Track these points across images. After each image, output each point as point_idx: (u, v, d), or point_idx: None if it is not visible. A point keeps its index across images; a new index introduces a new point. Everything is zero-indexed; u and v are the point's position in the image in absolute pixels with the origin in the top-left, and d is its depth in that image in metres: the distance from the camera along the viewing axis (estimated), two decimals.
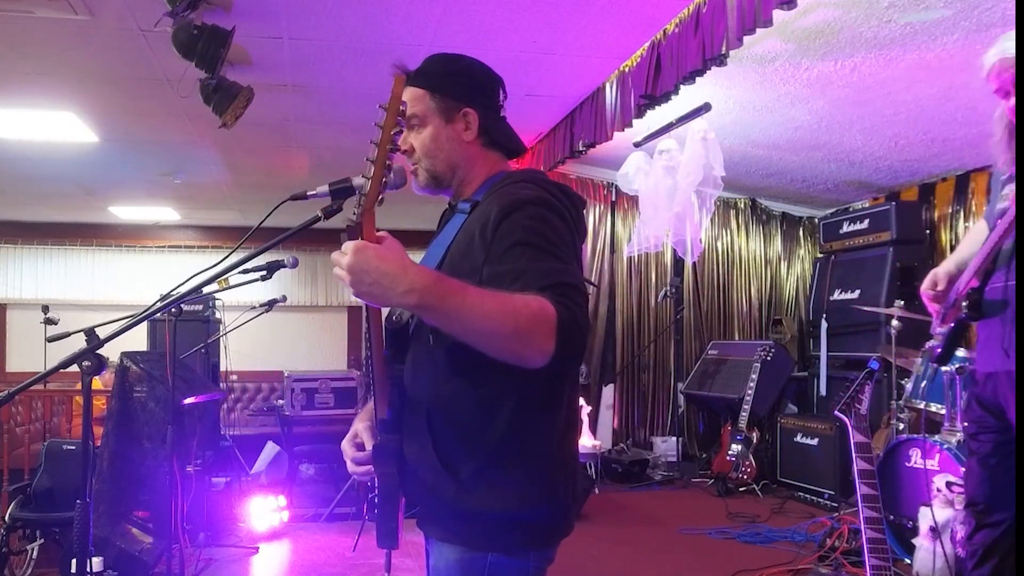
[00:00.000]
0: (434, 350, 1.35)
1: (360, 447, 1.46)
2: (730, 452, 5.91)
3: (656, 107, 4.13)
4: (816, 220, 7.18)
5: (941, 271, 2.55)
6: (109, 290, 9.16)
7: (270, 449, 5.90)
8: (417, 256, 1.38)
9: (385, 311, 1.35)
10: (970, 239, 2.63)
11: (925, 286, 2.57)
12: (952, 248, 5.95)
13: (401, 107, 1.22)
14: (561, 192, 1.43)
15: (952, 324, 2.43)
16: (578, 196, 1.48)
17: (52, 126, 5.19)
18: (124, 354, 4.03)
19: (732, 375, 6.37)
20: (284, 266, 3.35)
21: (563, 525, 1.42)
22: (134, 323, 1.62)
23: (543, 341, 1.17)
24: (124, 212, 8.54)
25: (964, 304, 2.33)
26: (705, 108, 4.53)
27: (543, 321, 1.17)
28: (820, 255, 6.70)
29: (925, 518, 3.46)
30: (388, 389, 1.39)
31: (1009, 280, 2.32)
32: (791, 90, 4.51)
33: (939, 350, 2.42)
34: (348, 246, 1.17)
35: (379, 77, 4.36)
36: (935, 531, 3.38)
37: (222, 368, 5.98)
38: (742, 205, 7.40)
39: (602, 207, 7.00)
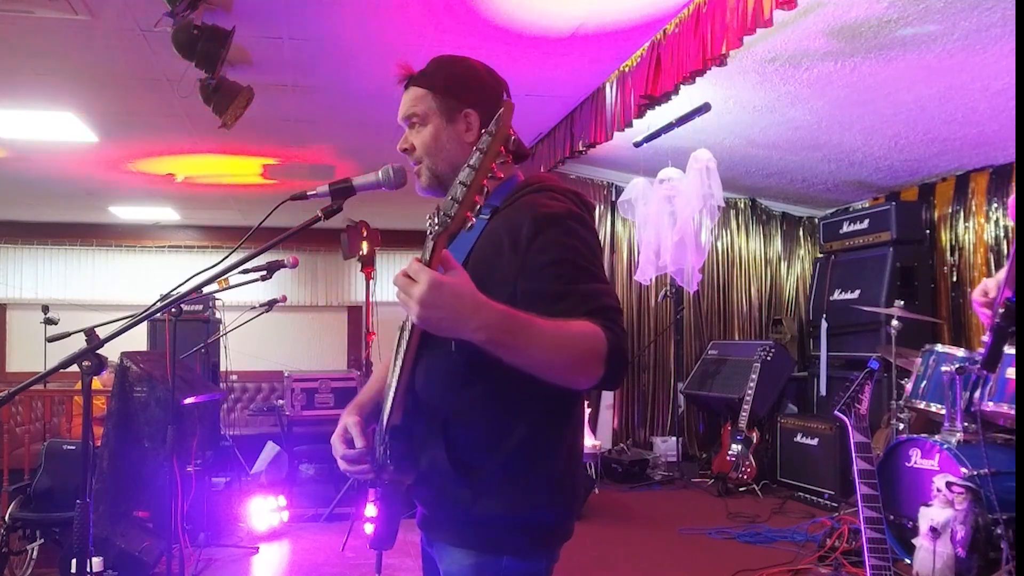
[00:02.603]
0: (454, 358, 1.33)
1: (350, 443, 1.44)
2: (730, 452, 5.91)
3: (656, 107, 4.13)
4: (816, 220, 7.18)
5: (992, 281, 2.59)
6: (109, 290, 9.15)
7: (270, 449, 5.90)
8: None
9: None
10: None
11: (976, 294, 2.61)
12: (952, 248, 5.96)
13: (513, 136, 1.18)
14: (580, 200, 1.44)
15: (992, 333, 2.46)
16: (590, 202, 1.49)
17: (52, 126, 5.19)
18: (124, 354, 4.03)
19: (732, 375, 6.37)
20: (284, 266, 3.35)
21: (570, 527, 1.44)
22: (134, 323, 1.62)
23: (595, 369, 1.22)
24: (124, 212, 8.54)
25: (1000, 312, 2.37)
26: (705, 108, 4.52)
27: (597, 350, 1.21)
28: (820, 255, 6.70)
29: (925, 518, 3.46)
30: (408, 395, 1.37)
31: None
32: (791, 90, 4.51)
33: (984, 357, 2.47)
34: (421, 275, 1.13)
35: (379, 77, 4.36)
36: (935, 531, 3.38)
37: (222, 368, 5.98)
38: (742, 205, 7.40)
39: (602, 207, 7.00)
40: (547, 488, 1.36)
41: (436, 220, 1.17)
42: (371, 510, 1.44)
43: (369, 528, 1.46)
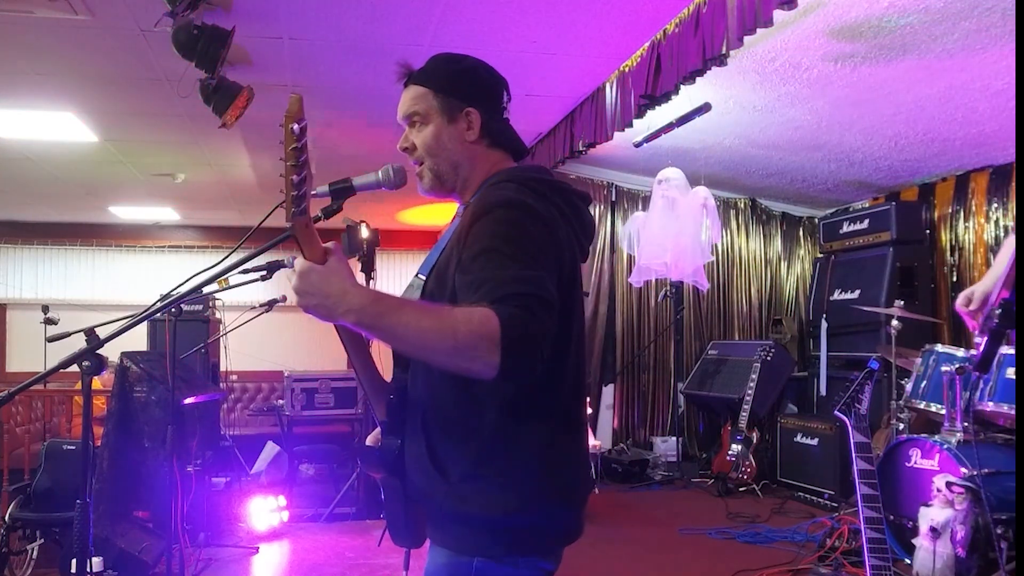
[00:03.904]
0: None
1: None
2: (730, 452, 5.90)
3: (656, 107, 4.13)
4: (816, 220, 7.18)
5: (979, 289, 2.58)
6: (109, 290, 9.16)
7: (270, 449, 5.90)
8: (422, 256, 1.38)
9: None
10: (1003, 253, 2.66)
11: (959, 303, 2.60)
12: (952, 248, 5.96)
13: (295, 126, 1.21)
14: (552, 190, 1.40)
15: (988, 334, 2.46)
16: (578, 193, 1.45)
17: (52, 126, 5.19)
18: (124, 354, 4.03)
19: (732, 375, 6.37)
20: (284, 266, 3.34)
21: (559, 531, 1.38)
22: (134, 323, 1.62)
23: (486, 355, 1.15)
24: (124, 212, 8.54)
25: (997, 313, 2.36)
26: (705, 108, 4.52)
27: (484, 336, 1.15)
28: (820, 255, 6.70)
29: (925, 518, 3.46)
30: (383, 394, 1.39)
31: None
32: (791, 90, 4.51)
33: (978, 358, 2.46)
34: (296, 266, 1.23)
35: (379, 77, 4.36)
36: (935, 531, 3.38)
37: (222, 368, 5.98)
38: (742, 205, 7.40)
39: (602, 207, 7.00)
40: (521, 488, 1.31)
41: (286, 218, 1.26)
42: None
43: None
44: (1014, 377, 3.57)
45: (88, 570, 1.74)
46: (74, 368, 1.59)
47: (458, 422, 1.33)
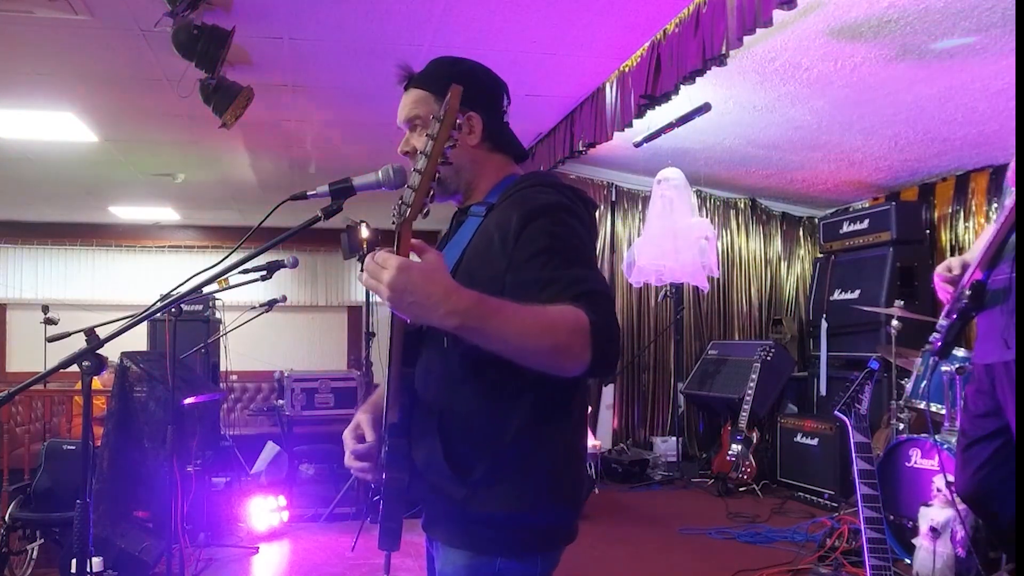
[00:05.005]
0: (448, 354, 1.34)
1: (361, 439, 1.45)
2: (730, 452, 5.91)
3: (656, 107, 4.13)
4: (816, 220, 7.18)
5: (956, 259, 2.55)
6: (109, 290, 9.16)
7: (270, 449, 5.90)
8: None
9: None
10: (986, 233, 2.64)
11: (940, 269, 2.56)
12: (952, 248, 5.95)
13: (458, 120, 1.19)
14: (576, 196, 1.43)
15: (954, 316, 2.41)
16: (591, 199, 1.48)
17: (52, 126, 5.19)
18: (124, 354, 4.03)
19: (732, 375, 6.37)
20: (284, 266, 3.35)
21: (570, 528, 1.42)
22: (134, 323, 1.62)
23: (581, 353, 1.19)
24: (124, 212, 8.54)
25: (967, 294, 2.33)
26: (705, 108, 4.52)
27: (580, 333, 1.18)
28: (820, 255, 6.70)
29: (925, 518, 3.46)
30: (401, 393, 1.38)
31: (1014, 272, 2.33)
32: (791, 90, 4.51)
33: (939, 343, 2.41)
34: (389, 261, 1.14)
35: (379, 77, 4.36)
36: (935, 531, 3.38)
37: (222, 368, 5.98)
38: (742, 205, 7.40)
39: (602, 207, 7.00)
40: (543, 488, 1.34)
41: (398, 211, 1.20)
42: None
43: None
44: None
45: (88, 570, 1.74)
46: (74, 368, 1.59)
47: (482, 425, 1.34)
